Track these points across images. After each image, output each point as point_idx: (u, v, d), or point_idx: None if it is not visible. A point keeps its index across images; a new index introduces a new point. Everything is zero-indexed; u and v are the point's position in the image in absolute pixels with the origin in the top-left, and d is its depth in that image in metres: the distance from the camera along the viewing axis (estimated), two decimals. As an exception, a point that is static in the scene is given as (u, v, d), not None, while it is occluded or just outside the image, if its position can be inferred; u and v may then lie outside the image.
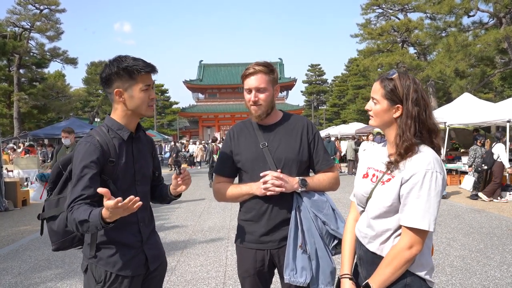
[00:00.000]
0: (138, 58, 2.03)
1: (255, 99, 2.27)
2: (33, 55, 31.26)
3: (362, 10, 28.28)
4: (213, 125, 57.97)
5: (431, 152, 1.70)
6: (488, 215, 8.51)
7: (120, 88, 2.01)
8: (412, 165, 1.66)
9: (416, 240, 1.63)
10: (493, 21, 20.71)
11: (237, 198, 2.38)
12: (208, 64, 62.88)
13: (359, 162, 2.04)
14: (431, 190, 1.62)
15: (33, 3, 29.77)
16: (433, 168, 1.63)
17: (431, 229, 1.62)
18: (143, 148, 2.19)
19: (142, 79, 2.01)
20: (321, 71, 75.06)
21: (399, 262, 1.65)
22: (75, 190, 1.90)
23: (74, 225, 1.84)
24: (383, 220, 1.75)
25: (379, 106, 1.78)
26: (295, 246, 2.21)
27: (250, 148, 2.35)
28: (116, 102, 2.06)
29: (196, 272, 5.24)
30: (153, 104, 2.12)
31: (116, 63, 1.99)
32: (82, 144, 1.99)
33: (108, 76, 2.01)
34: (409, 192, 1.65)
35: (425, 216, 1.61)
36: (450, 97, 22.55)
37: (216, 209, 9.75)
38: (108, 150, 1.99)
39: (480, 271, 5.02)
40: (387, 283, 1.69)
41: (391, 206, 1.71)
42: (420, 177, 1.63)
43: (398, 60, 23.40)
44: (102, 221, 1.74)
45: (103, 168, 1.98)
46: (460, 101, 16.06)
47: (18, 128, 27.88)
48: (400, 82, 1.74)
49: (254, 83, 2.27)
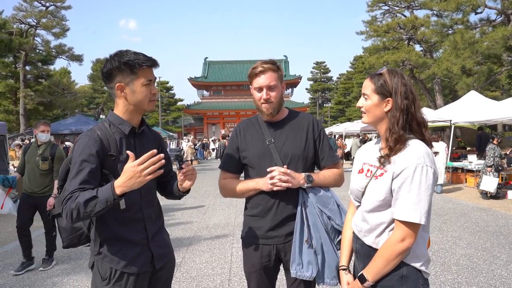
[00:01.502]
0: (139, 53, 2.02)
1: (267, 97, 2.29)
2: (39, 52, 31.33)
3: (368, 7, 28.11)
4: (218, 122, 57.97)
5: (422, 146, 1.74)
6: (495, 214, 8.47)
7: (121, 83, 1.99)
8: (403, 159, 1.71)
9: (408, 233, 1.68)
10: (500, 18, 20.53)
11: (243, 194, 2.40)
12: (213, 61, 62.79)
13: (355, 157, 2.09)
14: (421, 184, 1.66)
15: (39, 0, 29.85)
16: (424, 162, 1.68)
17: (422, 222, 1.66)
18: (147, 143, 2.17)
19: (143, 74, 2.00)
20: (326, 68, 74.94)
21: (392, 254, 1.70)
22: (73, 183, 1.87)
23: (76, 211, 1.79)
24: (377, 214, 1.80)
25: (370, 101, 1.83)
26: (301, 241, 2.23)
27: (256, 144, 2.38)
28: (117, 97, 2.05)
29: (201, 268, 5.24)
30: (154, 99, 2.10)
31: (117, 57, 1.98)
32: (82, 138, 1.98)
33: (109, 71, 1.99)
34: (400, 186, 1.69)
35: (416, 209, 1.66)
36: (456, 95, 22.44)
37: (221, 206, 9.76)
38: (108, 145, 1.98)
39: (486, 270, 5.00)
40: (380, 274, 1.75)
41: (384, 200, 1.75)
42: (411, 171, 1.67)
43: (404, 58, 23.24)
44: (114, 192, 1.75)
45: (103, 163, 1.96)
46: (466, 99, 15.96)
47: (24, 124, 27.95)
48: (389, 76, 1.80)
49: (265, 81, 2.29)
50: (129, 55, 1.97)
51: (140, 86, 2.00)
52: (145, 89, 2.01)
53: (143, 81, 2.00)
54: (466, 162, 13.58)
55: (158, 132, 2.45)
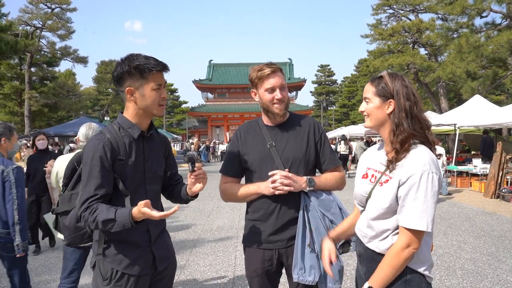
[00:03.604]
0: (149, 57, 2.02)
1: (281, 97, 2.31)
2: (44, 53, 31.48)
3: (373, 11, 28.02)
4: (222, 124, 57.96)
5: (427, 152, 1.74)
6: (500, 218, 8.41)
7: (131, 87, 2.00)
8: (409, 166, 1.71)
9: (413, 240, 1.69)
10: (506, 22, 20.41)
11: (245, 198, 2.39)
12: (218, 64, 62.81)
13: (359, 162, 2.08)
14: (427, 191, 1.67)
15: (44, 2, 29.99)
16: (429, 169, 1.68)
17: (429, 230, 1.67)
18: (155, 147, 2.18)
19: (153, 78, 2.00)
20: (331, 71, 74.78)
21: (398, 262, 1.70)
22: (88, 189, 1.92)
23: (94, 224, 1.89)
24: (382, 222, 1.79)
25: (372, 104, 1.83)
26: (303, 245, 2.22)
27: (257, 148, 2.37)
28: (127, 101, 2.06)
29: (205, 271, 5.24)
30: (164, 103, 2.11)
31: (128, 61, 1.99)
32: (92, 141, 2.00)
33: (119, 75, 2.00)
34: (407, 194, 1.69)
35: (423, 217, 1.66)
36: (461, 98, 22.30)
37: (225, 209, 9.75)
38: (118, 148, 2.00)
39: (491, 275, 4.96)
40: (387, 282, 1.74)
41: (389, 208, 1.75)
42: (417, 179, 1.67)
43: (408, 61, 23.11)
44: (132, 220, 1.83)
45: (113, 166, 1.98)
46: (470, 103, 15.92)
47: (29, 126, 28.09)
48: (389, 78, 1.81)
49: (278, 81, 2.31)
50: (140, 60, 1.98)
51: (150, 90, 2.01)
52: (155, 94, 2.02)
53: (152, 86, 2.01)
54: (471, 166, 13.52)
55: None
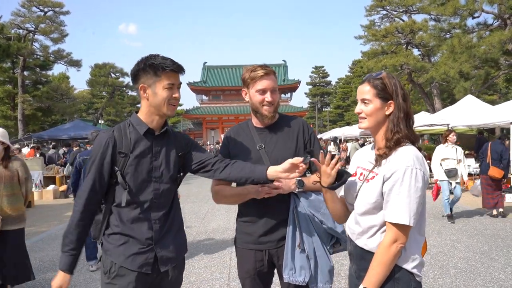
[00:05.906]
0: (167, 57, 2.10)
1: (272, 99, 2.32)
2: (37, 57, 31.28)
3: (366, 12, 28.13)
4: (217, 127, 57.85)
5: (412, 150, 1.78)
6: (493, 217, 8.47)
7: (144, 84, 2.08)
8: (393, 163, 1.75)
9: (399, 235, 1.71)
10: (497, 23, 20.57)
11: (235, 200, 2.41)
12: (212, 66, 62.68)
13: (350, 162, 2.12)
14: (411, 186, 1.70)
15: (37, 5, 29.78)
16: (413, 165, 1.72)
17: (411, 224, 1.70)
18: (168, 147, 2.20)
19: (166, 77, 2.06)
20: (325, 73, 75.00)
21: (388, 258, 1.72)
22: (86, 183, 2.06)
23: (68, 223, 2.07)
24: (369, 217, 1.82)
25: (372, 106, 1.85)
26: (293, 245, 2.23)
27: (247, 150, 2.38)
28: (141, 98, 2.14)
29: (200, 273, 5.24)
30: (176, 104, 2.15)
31: (145, 60, 2.08)
32: (100, 136, 2.12)
33: (135, 72, 2.10)
34: (391, 189, 1.73)
35: (406, 211, 1.70)
36: (455, 98, 22.41)
37: (220, 211, 9.74)
38: (121, 143, 2.07)
39: (484, 273, 5.00)
40: (380, 281, 1.75)
41: (376, 203, 1.79)
42: (400, 174, 1.72)
43: (402, 62, 23.23)
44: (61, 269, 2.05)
45: (114, 159, 2.06)
46: (463, 103, 16.01)
47: (22, 130, 27.87)
48: (388, 80, 1.83)
49: (270, 84, 2.32)
50: (157, 59, 2.06)
51: (162, 88, 2.06)
52: (166, 92, 2.07)
53: (164, 84, 2.06)
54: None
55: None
